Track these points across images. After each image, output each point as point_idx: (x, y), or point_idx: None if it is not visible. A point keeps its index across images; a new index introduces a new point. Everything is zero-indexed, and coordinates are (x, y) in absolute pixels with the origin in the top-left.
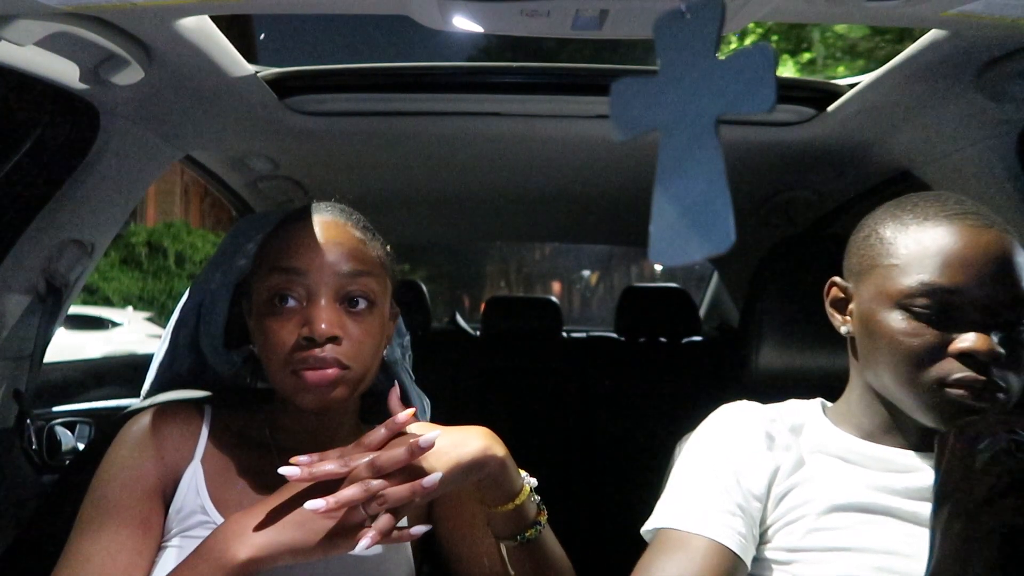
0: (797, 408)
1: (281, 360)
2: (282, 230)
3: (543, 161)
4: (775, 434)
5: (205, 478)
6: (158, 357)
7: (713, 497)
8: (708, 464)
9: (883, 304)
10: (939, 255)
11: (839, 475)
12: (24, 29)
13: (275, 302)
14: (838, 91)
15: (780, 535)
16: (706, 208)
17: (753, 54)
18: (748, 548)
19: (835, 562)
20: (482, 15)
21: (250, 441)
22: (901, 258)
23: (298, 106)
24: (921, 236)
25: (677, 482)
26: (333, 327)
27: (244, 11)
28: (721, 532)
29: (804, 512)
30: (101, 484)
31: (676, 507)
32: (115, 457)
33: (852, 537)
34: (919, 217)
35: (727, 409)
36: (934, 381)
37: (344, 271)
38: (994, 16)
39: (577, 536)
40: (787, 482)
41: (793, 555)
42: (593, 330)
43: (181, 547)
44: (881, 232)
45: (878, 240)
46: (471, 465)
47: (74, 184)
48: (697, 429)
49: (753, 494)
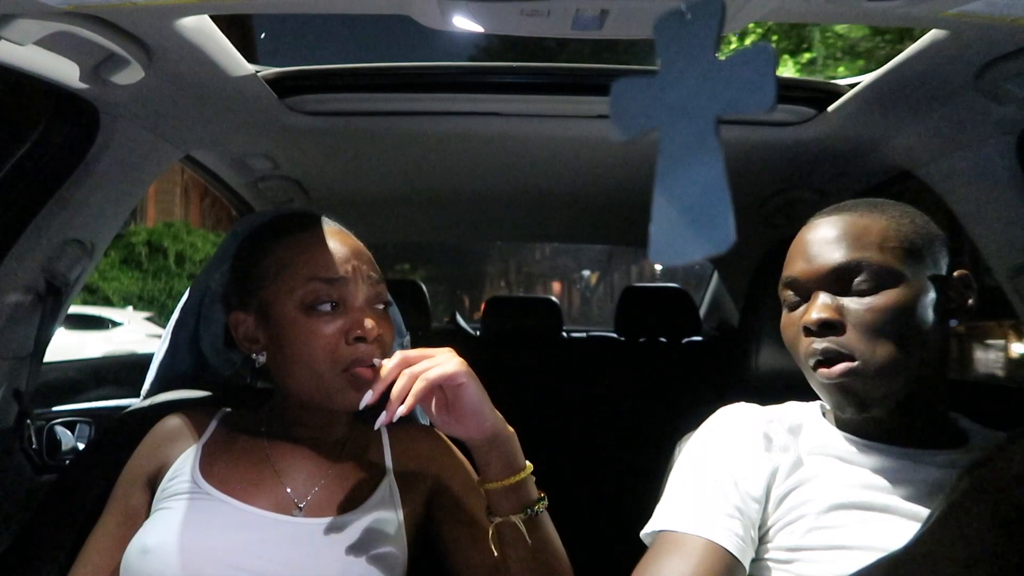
0: (795, 410)
1: (328, 361)
2: (305, 240)
3: (543, 161)
4: (773, 435)
5: (200, 456)
6: (158, 357)
7: (711, 499)
8: (706, 467)
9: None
10: (791, 252)
11: (838, 474)
12: (24, 28)
13: (316, 308)
14: (838, 91)
15: (780, 535)
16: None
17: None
18: (746, 550)
19: (836, 560)
20: (482, 15)
21: (248, 431)
22: (787, 257)
23: (298, 106)
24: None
25: (675, 485)
26: (376, 328)
27: (244, 11)
28: (718, 534)
29: (804, 512)
30: (119, 480)
31: (674, 510)
32: (136, 452)
33: (852, 535)
34: None
35: (725, 412)
36: (808, 359)
37: (374, 278)
38: (994, 16)
39: (577, 536)
40: (786, 483)
41: (794, 554)
42: (593, 330)
43: (171, 508)
44: None
45: None
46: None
47: (74, 184)
48: (696, 432)
49: (752, 496)
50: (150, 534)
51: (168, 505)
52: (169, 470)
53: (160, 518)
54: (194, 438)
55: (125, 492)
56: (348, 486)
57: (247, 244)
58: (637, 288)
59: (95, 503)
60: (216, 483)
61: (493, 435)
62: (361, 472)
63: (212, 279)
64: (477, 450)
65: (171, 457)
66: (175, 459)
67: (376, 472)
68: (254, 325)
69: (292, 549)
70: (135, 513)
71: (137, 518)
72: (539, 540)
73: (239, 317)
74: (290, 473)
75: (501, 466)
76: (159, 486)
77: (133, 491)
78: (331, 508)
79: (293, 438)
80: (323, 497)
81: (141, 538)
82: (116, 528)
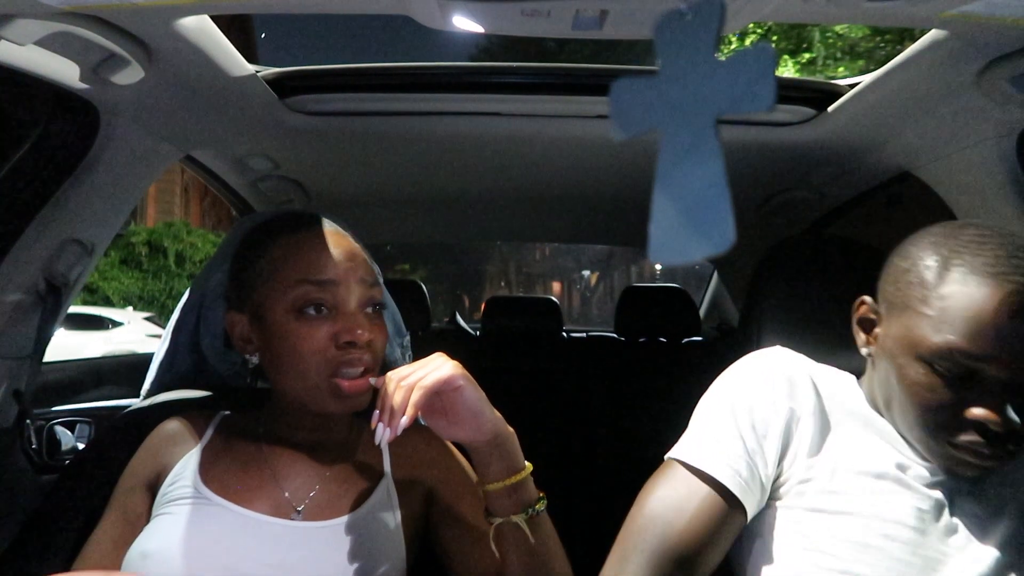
0: (831, 372)
1: (315, 365)
2: (298, 242)
3: (543, 161)
4: (798, 382)
5: (199, 461)
6: (158, 357)
7: (723, 438)
8: (725, 406)
9: (907, 352)
10: (973, 320)
11: (862, 440)
12: (24, 28)
13: (306, 311)
14: (838, 91)
15: (792, 494)
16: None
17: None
18: (749, 493)
19: (841, 525)
20: (482, 15)
21: (246, 433)
22: (935, 310)
23: (298, 106)
24: (960, 292)
25: (697, 419)
26: (366, 332)
27: (244, 11)
28: (722, 471)
29: (818, 473)
30: (118, 484)
31: (687, 442)
32: (136, 455)
33: (861, 503)
34: (964, 267)
35: (757, 354)
36: (944, 436)
37: (367, 280)
38: (994, 16)
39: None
40: (808, 431)
41: (803, 515)
42: (593, 330)
43: (171, 513)
44: (922, 270)
45: (917, 279)
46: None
47: (74, 184)
48: (727, 370)
49: (767, 439)
50: (150, 539)
51: (168, 510)
52: (169, 475)
53: (160, 523)
54: (193, 442)
55: (125, 496)
56: (346, 488)
57: (244, 245)
58: (637, 288)
59: (95, 503)
60: (215, 487)
61: (493, 436)
62: (359, 474)
63: (212, 279)
64: (476, 451)
65: (170, 461)
66: (174, 464)
67: (374, 474)
68: (248, 326)
69: (290, 553)
70: (135, 517)
71: (137, 522)
72: (539, 540)
73: (234, 318)
74: (288, 476)
75: (501, 467)
76: (159, 491)
77: (133, 495)
78: (329, 511)
79: (291, 440)
80: (321, 500)
81: (141, 543)
82: (116, 532)
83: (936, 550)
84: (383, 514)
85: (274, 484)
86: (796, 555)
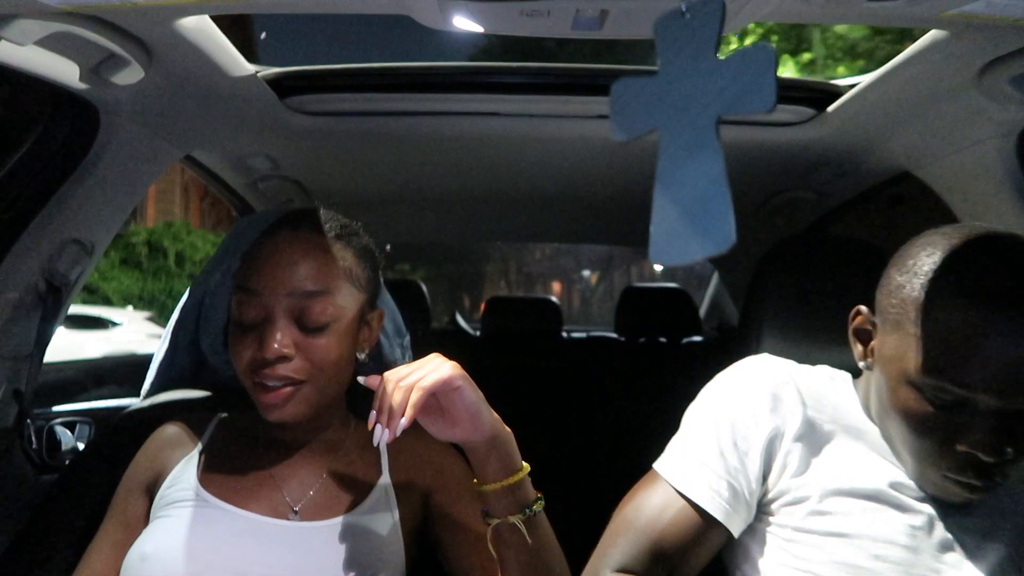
0: (823, 374)
1: (243, 373)
2: (255, 246)
3: (543, 161)
4: (783, 395)
5: (197, 463)
6: (158, 357)
7: (705, 458)
8: (709, 421)
9: (898, 375)
10: (963, 348)
11: (853, 457)
12: (24, 29)
13: (238, 319)
14: (838, 91)
15: (782, 513)
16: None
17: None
18: (733, 515)
19: (833, 547)
20: (482, 15)
21: (244, 435)
22: (925, 335)
23: (298, 106)
24: (951, 317)
25: (683, 431)
26: (283, 347)
27: (244, 11)
28: (702, 495)
29: (808, 493)
30: (118, 487)
31: (671, 456)
32: (135, 459)
33: (852, 524)
34: (958, 287)
35: (744, 363)
36: (935, 465)
37: (298, 292)
38: (994, 16)
39: (576, 536)
40: (793, 446)
41: (794, 534)
42: (593, 330)
43: (169, 515)
44: (916, 288)
45: (911, 297)
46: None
47: (74, 184)
48: (714, 379)
49: (749, 457)
50: (149, 541)
51: (167, 512)
52: (167, 477)
53: (159, 525)
54: (191, 445)
55: (124, 499)
56: (343, 489)
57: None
58: (637, 288)
59: (95, 504)
60: (214, 489)
61: (491, 436)
62: (356, 475)
63: (212, 279)
64: (474, 452)
65: (169, 464)
66: (173, 466)
67: (372, 474)
68: None
69: (288, 554)
70: (135, 520)
71: (137, 525)
72: (536, 541)
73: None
74: (285, 477)
75: (498, 467)
76: (157, 493)
77: (132, 498)
78: (327, 511)
79: (288, 441)
80: (318, 500)
81: (140, 545)
82: (116, 535)
83: (929, 568)
84: (381, 514)
85: (272, 485)
86: (787, 574)
